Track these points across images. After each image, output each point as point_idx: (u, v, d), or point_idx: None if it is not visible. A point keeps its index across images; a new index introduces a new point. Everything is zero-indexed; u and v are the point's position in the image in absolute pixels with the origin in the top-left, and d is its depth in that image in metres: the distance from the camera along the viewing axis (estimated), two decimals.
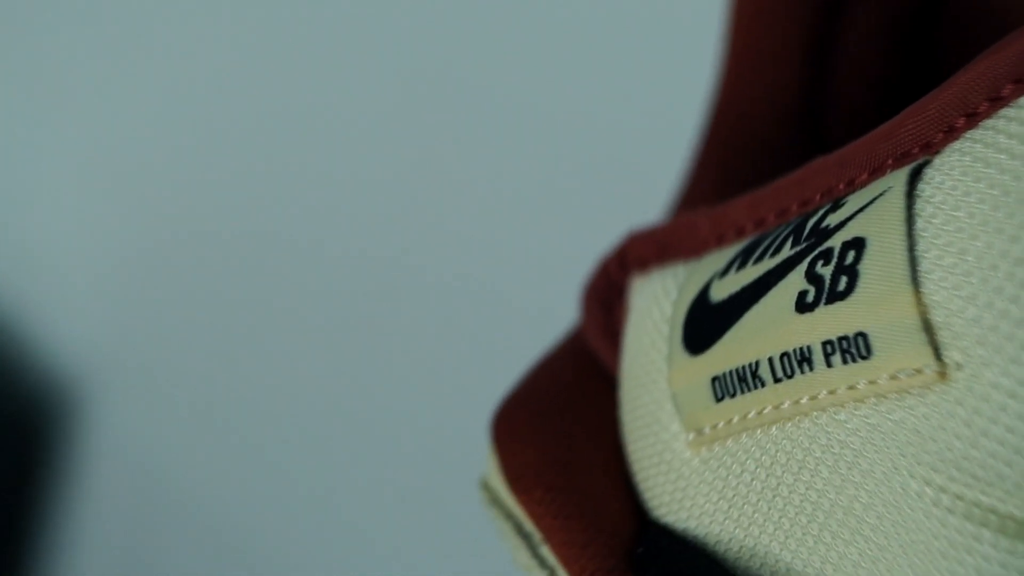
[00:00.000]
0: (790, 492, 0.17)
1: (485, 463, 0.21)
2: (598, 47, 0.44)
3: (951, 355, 0.15)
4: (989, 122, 0.16)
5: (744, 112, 0.25)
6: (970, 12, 0.27)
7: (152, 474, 0.55)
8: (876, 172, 0.17)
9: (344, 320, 0.50)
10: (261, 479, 0.54)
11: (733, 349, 0.17)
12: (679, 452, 0.19)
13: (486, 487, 0.20)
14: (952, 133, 0.16)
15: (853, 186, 0.17)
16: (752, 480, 0.18)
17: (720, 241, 0.19)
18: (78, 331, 0.55)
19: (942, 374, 0.15)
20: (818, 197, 0.18)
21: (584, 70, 0.44)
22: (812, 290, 0.17)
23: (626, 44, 0.43)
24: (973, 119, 0.16)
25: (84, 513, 0.57)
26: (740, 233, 0.19)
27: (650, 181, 0.31)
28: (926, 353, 0.15)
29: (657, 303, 0.19)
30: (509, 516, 0.20)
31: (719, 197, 0.22)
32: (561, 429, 0.20)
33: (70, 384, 0.55)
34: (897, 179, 0.16)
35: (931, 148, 0.16)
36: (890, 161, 0.17)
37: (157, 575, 0.56)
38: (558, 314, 0.27)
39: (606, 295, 0.21)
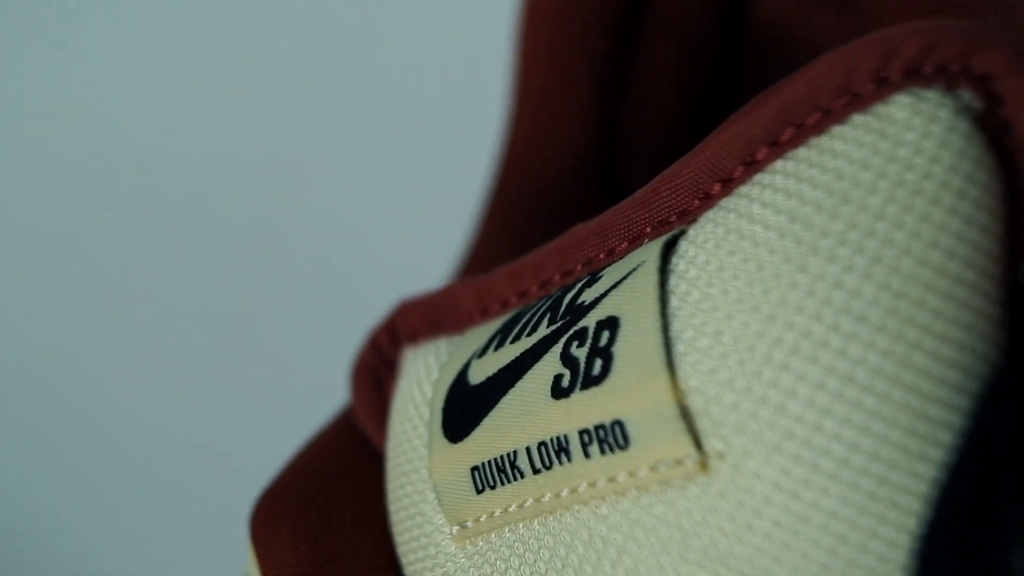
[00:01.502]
0: None
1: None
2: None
3: (712, 444, 0.14)
4: (743, 189, 0.15)
5: (534, 168, 0.24)
6: (768, 41, 0.26)
7: None
8: (635, 241, 0.16)
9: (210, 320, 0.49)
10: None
11: (491, 437, 0.16)
12: (444, 547, 0.17)
13: None
14: (708, 200, 0.15)
15: (613, 255, 0.16)
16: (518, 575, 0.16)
17: (484, 315, 0.18)
18: None
19: (703, 464, 0.14)
20: (579, 267, 0.17)
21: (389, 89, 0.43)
22: (567, 374, 0.15)
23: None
24: (728, 185, 0.15)
25: None
26: (505, 306, 0.18)
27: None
28: (685, 442, 0.14)
29: (419, 384, 0.18)
30: None
31: (508, 256, 0.20)
32: (322, 522, 0.18)
33: None
34: (651, 252, 0.15)
35: (688, 216, 0.15)
36: (648, 229, 0.16)
37: None
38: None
39: (376, 370, 0.20)
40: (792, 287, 0.14)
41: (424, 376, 0.18)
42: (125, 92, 0.50)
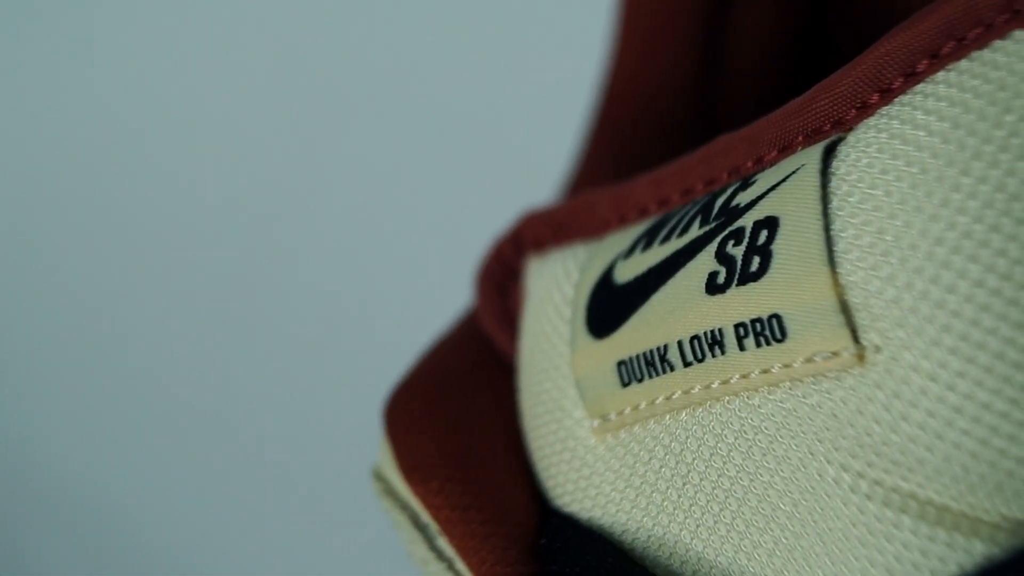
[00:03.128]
0: (701, 479, 0.17)
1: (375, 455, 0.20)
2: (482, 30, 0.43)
3: (869, 337, 0.15)
4: (905, 98, 0.15)
5: (637, 94, 0.24)
6: None
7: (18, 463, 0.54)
8: (786, 150, 0.17)
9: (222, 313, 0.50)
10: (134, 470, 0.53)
11: (640, 332, 0.17)
12: (583, 439, 0.18)
13: (379, 477, 0.20)
14: (865, 110, 0.16)
15: (761, 164, 0.17)
16: (660, 467, 0.17)
17: (622, 221, 0.19)
18: None
19: (860, 357, 0.15)
20: (725, 176, 0.17)
21: (470, 55, 0.44)
22: (723, 271, 0.16)
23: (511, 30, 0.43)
24: (887, 95, 0.16)
25: None
26: (643, 213, 0.18)
27: (538, 173, 0.31)
28: (843, 335, 0.15)
29: (558, 285, 0.19)
30: (404, 507, 0.19)
31: (611, 181, 0.21)
32: (457, 417, 0.19)
33: None
34: (810, 156, 0.16)
35: (843, 125, 0.16)
36: (800, 138, 0.17)
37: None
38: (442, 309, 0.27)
39: (500, 278, 0.20)
40: (955, 189, 0.15)
41: (563, 277, 0.19)
42: (133, 96, 0.50)
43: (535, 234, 0.20)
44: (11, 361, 0.54)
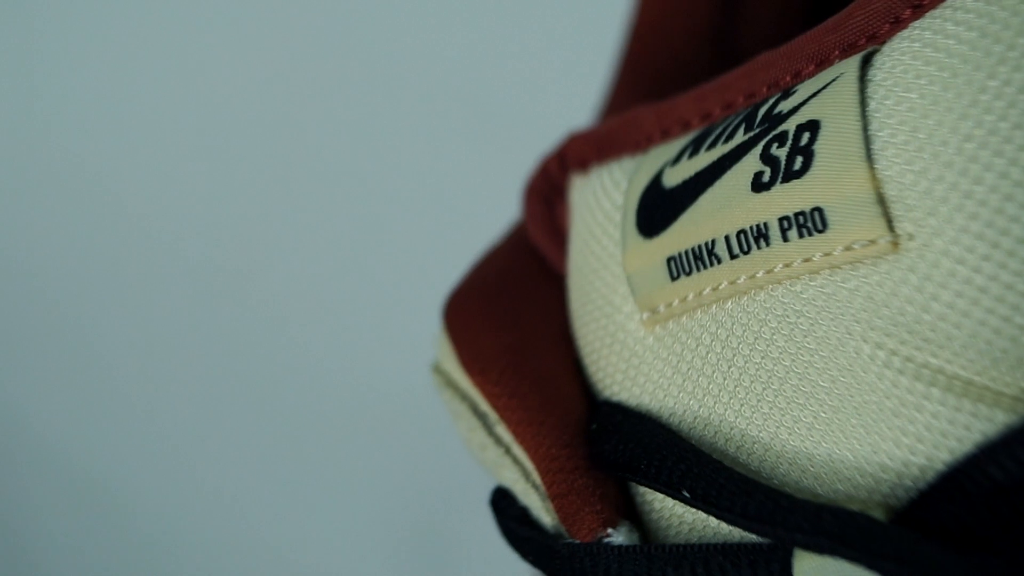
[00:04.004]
0: (745, 362, 0.18)
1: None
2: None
3: (903, 226, 0.16)
4: (936, 11, 0.17)
5: (661, 32, 0.26)
6: None
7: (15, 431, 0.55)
8: (823, 64, 0.18)
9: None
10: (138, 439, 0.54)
11: (689, 230, 0.18)
12: (633, 331, 0.20)
13: (439, 371, 0.21)
14: (898, 24, 0.17)
15: (799, 78, 0.18)
16: (707, 353, 0.19)
17: (665, 135, 0.20)
18: None
19: (895, 244, 0.17)
20: (764, 90, 0.19)
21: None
22: (768, 170, 0.18)
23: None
24: (918, 11, 0.17)
25: None
26: (686, 127, 0.20)
27: None
28: (880, 225, 0.17)
29: (607, 193, 0.20)
30: (464, 398, 0.21)
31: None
32: (511, 315, 0.21)
33: None
34: (849, 66, 0.17)
35: (877, 39, 0.18)
36: (836, 52, 0.18)
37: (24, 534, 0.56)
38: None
39: (547, 193, 0.22)
40: (982, 91, 0.16)
41: (612, 186, 0.20)
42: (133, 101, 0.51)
43: (579, 153, 0.21)
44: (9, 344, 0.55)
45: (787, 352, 0.18)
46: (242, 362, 0.52)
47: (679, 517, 0.19)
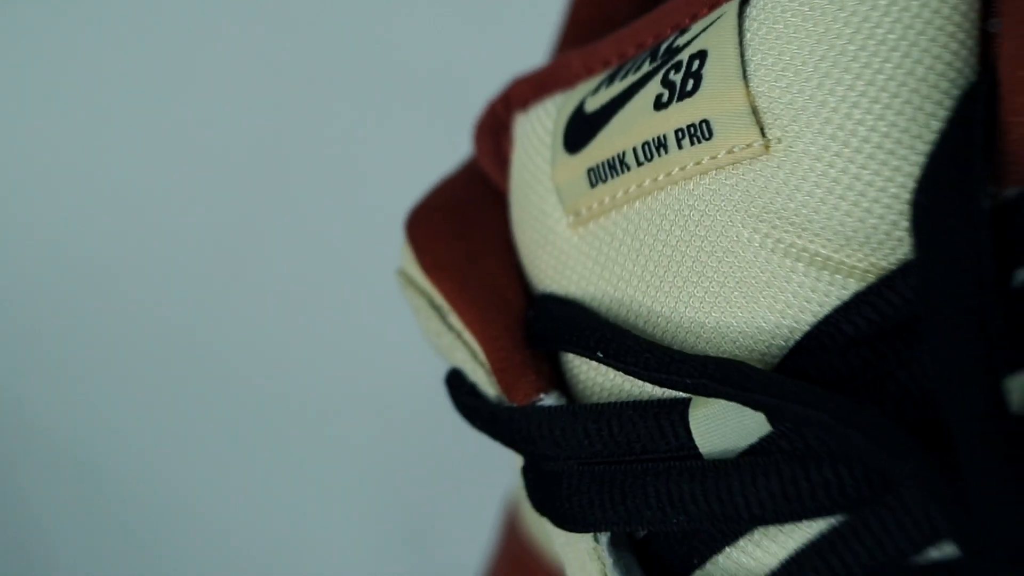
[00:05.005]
0: (650, 251, 0.22)
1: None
2: None
3: (772, 132, 0.20)
4: None
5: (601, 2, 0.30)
6: None
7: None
8: (714, 6, 0.22)
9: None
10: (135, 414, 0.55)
11: (604, 145, 0.22)
12: (561, 233, 0.23)
13: (403, 274, 0.25)
14: None
15: (696, 19, 0.22)
16: (620, 246, 0.22)
17: (589, 72, 0.24)
18: None
19: (766, 147, 0.20)
20: (669, 30, 0.23)
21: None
22: (666, 92, 0.21)
23: None
24: None
25: None
26: (606, 64, 0.24)
27: None
28: (754, 132, 0.20)
29: (540, 122, 0.24)
30: (423, 294, 0.24)
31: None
32: (463, 228, 0.25)
33: None
34: (731, 6, 0.21)
35: None
36: None
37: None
38: None
39: (495, 129, 0.26)
40: (834, 21, 0.20)
41: (544, 116, 0.24)
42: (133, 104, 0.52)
43: (521, 94, 0.25)
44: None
45: (683, 240, 0.22)
46: (233, 355, 0.53)
47: (599, 385, 0.23)
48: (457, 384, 0.24)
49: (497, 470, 0.41)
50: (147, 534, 0.54)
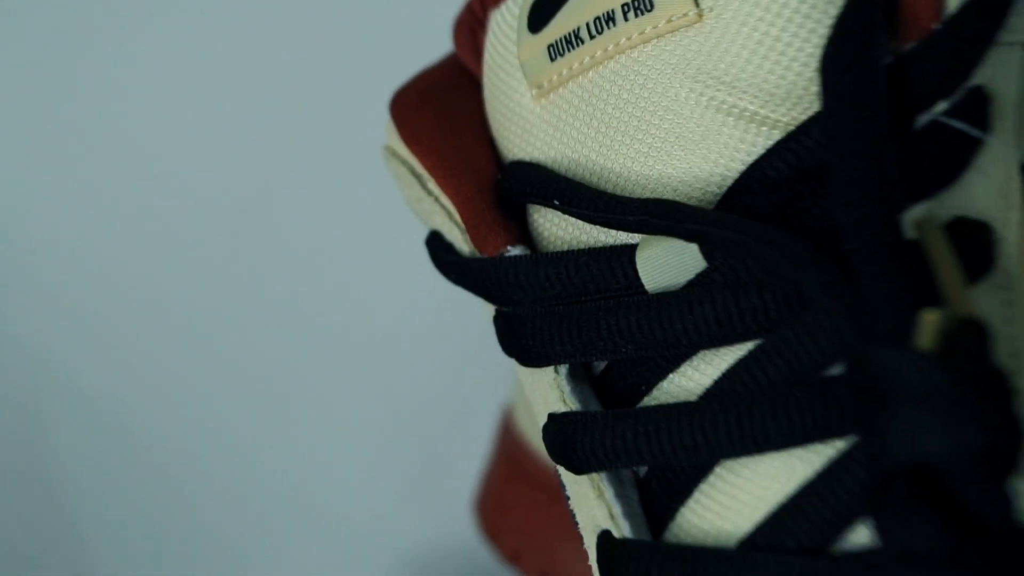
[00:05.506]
0: (603, 114, 0.25)
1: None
2: None
3: (706, 2, 0.23)
4: None
5: None
6: None
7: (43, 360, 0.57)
8: None
9: None
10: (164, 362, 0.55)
11: (562, 23, 0.25)
12: (526, 105, 0.26)
13: (387, 148, 0.28)
14: None
15: None
16: (577, 111, 0.25)
17: None
18: None
19: (700, 15, 0.23)
20: None
21: None
22: None
23: None
24: None
25: None
26: None
27: None
28: (689, 2, 0.23)
29: (509, 11, 0.27)
30: (405, 164, 0.27)
31: None
32: (442, 107, 0.28)
33: None
34: None
35: None
36: None
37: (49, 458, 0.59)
38: None
39: (472, 25, 0.28)
40: None
41: (513, 5, 0.27)
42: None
43: None
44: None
45: (629, 102, 0.24)
46: (252, 298, 0.53)
47: (559, 238, 0.26)
48: (436, 244, 0.27)
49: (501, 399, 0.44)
50: (166, 479, 0.55)
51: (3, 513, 0.56)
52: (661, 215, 0.23)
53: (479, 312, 0.28)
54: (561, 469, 0.26)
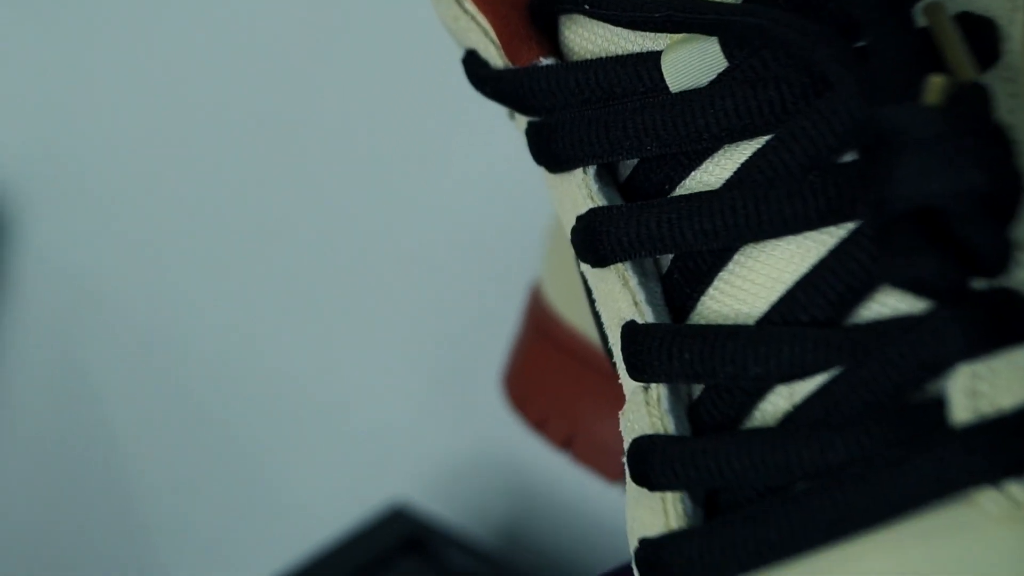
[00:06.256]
0: None
1: None
2: None
3: None
4: None
5: None
6: None
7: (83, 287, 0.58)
8: None
9: None
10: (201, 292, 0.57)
11: None
12: None
13: None
14: None
15: None
16: None
17: None
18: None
19: None
20: None
21: None
22: None
23: None
24: None
25: (14, 327, 0.59)
26: None
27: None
28: None
29: None
30: None
31: None
32: None
33: None
34: None
35: None
36: None
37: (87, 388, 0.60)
38: None
39: None
40: None
41: None
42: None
43: None
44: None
45: None
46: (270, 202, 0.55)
47: (587, 49, 0.27)
48: (472, 61, 0.28)
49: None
50: (200, 395, 0.57)
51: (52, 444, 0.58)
52: (685, 8, 0.24)
53: (505, 218, 0.28)
54: (588, 271, 0.27)
